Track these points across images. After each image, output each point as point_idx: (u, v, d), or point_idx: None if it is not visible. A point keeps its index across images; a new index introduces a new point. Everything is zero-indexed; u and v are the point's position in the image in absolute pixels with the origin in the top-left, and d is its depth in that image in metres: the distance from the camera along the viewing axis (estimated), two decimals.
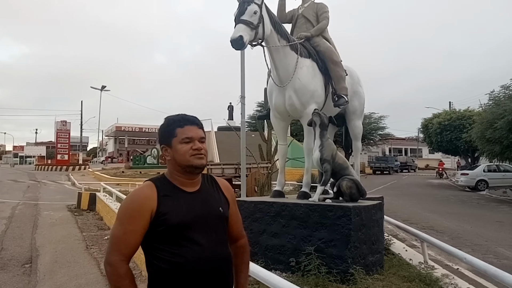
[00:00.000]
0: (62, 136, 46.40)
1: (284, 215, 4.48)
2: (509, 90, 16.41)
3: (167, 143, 1.68)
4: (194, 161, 1.64)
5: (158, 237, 1.59)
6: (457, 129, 27.84)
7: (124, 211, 1.61)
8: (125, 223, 1.58)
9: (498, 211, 13.63)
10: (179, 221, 1.58)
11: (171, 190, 1.64)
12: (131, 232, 1.57)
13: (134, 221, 1.56)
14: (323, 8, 5.35)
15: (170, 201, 1.61)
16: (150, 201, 1.58)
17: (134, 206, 1.59)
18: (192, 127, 1.68)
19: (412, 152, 63.05)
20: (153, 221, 1.57)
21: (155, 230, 1.58)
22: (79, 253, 6.84)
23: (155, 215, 1.57)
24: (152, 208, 1.57)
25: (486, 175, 22.34)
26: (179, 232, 1.59)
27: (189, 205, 1.63)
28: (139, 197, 1.61)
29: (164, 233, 1.58)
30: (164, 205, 1.59)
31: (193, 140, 1.65)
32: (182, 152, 1.64)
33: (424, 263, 5.31)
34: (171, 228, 1.57)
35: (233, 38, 4.17)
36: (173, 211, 1.59)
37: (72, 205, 13.23)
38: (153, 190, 1.61)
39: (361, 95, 5.84)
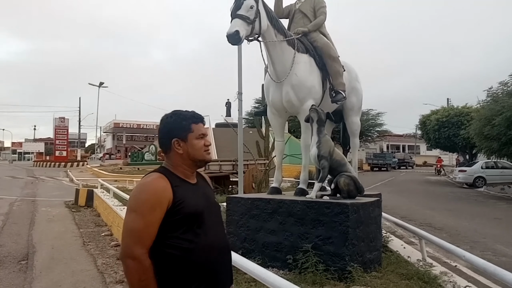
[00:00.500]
0: (61, 133, 46.20)
1: (281, 212, 4.44)
2: (507, 87, 16.40)
3: (182, 137, 1.73)
4: (206, 156, 1.78)
5: (172, 226, 1.62)
6: (455, 125, 27.84)
7: (143, 202, 1.61)
8: (146, 214, 1.58)
9: (496, 208, 13.64)
10: (194, 209, 1.65)
11: (179, 182, 1.70)
12: (152, 224, 1.59)
13: (155, 212, 1.59)
14: (321, 3, 5.29)
15: (182, 191, 1.66)
16: (167, 192, 1.62)
17: (155, 197, 1.61)
18: (202, 124, 1.79)
19: (410, 149, 63.08)
20: (169, 211, 1.61)
21: (170, 219, 1.61)
22: (76, 250, 6.80)
23: (172, 205, 1.61)
24: (169, 198, 1.61)
25: (484, 172, 22.36)
26: (193, 220, 1.65)
27: (197, 195, 1.72)
28: (157, 188, 1.63)
29: (180, 221, 1.63)
30: (178, 195, 1.64)
31: (205, 137, 1.77)
32: (198, 147, 1.74)
33: (423, 261, 5.28)
34: (186, 217, 1.63)
35: (229, 33, 4.12)
36: (187, 201, 1.65)
37: (69, 202, 13.21)
38: (166, 181, 1.65)
39: (359, 91, 5.79)
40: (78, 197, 12.82)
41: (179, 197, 1.64)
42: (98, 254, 6.43)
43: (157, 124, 1.90)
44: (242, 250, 4.65)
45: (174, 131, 1.75)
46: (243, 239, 4.74)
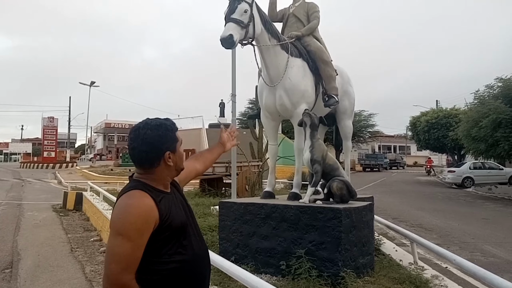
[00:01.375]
0: (49, 133, 45.32)
1: (274, 217, 4.43)
2: (493, 90, 16.64)
3: (173, 149, 1.65)
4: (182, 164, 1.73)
5: (161, 243, 1.57)
6: (444, 127, 28.22)
7: (130, 226, 1.49)
8: (134, 238, 1.48)
9: (483, 208, 13.82)
10: (180, 222, 1.61)
11: (160, 196, 1.61)
12: (140, 246, 1.51)
13: (143, 234, 1.50)
14: (314, 8, 5.30)
15: (165, 206, 1.59)
16: (153, 212, 1.54)
17: (142, 219, 1.51)
18: None
19: (401, 149, 63.67)
20: (157, 229, 1.54)
21: (159, 237, 1.55)
22: (63, 257, 6.64)
23: (159, 223, 1.54)
24: (156, 217, 1.54)
25: (472, 172, 22.71)
26: (180, 232, 1.61)
27: (176, 205, 1.66)
28: (144, 208, 1.53)
29: (169, 237, 1.58)
30: (163, 212, 1.56)
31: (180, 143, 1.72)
32: (181, 155, 1.69)
33: (414, 264, 5.31)
34: (175, 231, 1.59)
35: (223, 37, 4.10)
36: (172, 214, 1.59)
37: (57, 205, 12.92)
38: (150, 199, 1.55)
39: (351, 95, 5.81)
40: (66, 200, 12.51)
41: (165, 213, 1.57)
42: (87, 261, 6.32)
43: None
44: (235, 256, 4.63)
45: (166, 144, 1.63)
46: (236, 244, 4.72)
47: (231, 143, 2.36)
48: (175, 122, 1.74)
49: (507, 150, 15.08)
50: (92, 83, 46.52)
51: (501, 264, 6.46)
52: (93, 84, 46.68)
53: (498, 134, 14.92)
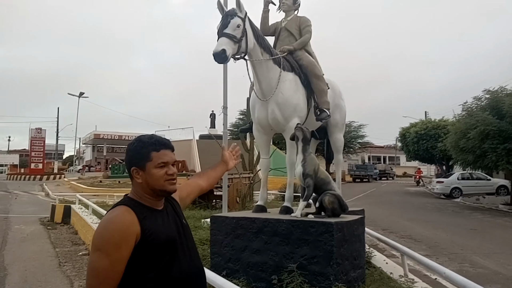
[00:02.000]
0: (37, 144, 44.86)
1: (266, 231, 4.42)
2: (480, 102, 16.90)
3: (140, 166, 1.64)
4: (168, 186, 1.65)
5: (146, 259, 1.55)
6: (432, 138, 28.60)
7: (108, 240, 1.51)
8: (111, 253, 1.49)
9: (471, 219, 14.00)
10: (165, 239, 1.58)
11: (146, 211, 1.61)
12: (118, 261, 1.50)
13: (121, 250, 1.50)
14: (306, 22, 5.36)
15: (151, 222, 1.58)
16: (133, 226, 1.53)
17: (120, 234, 1.51)
18: (167, 151, 1.68)
19: (391, 160, 64.17)
20: (139, 245, 1.53)
21: (142, 252, 1.54)
22: (51, 271, 6.54)
23: (141, 239, 1.53)
24: (137, 232, 1.53)
25: (460, 183, 23.03)
26: (166, 249, 1.58)
27: (166, 222, 1.64)
28: (123, 224, 1.54)
29: (153, 253, 1.56)
30: (147, 227, 1.55)
31: (167, 165, 1.65)
32: (157, 177, 1.63)
33: (405, 276, 5.34)
34: (159, 247, 1.56)
35: (216, 52, 4.12)
36: (158, 231, 1.58)
37: (45, 218, 12.78)
38: (132, 214, 1.56)
39: (342, 109, 5.86)
40: (54, 213, 12.38)
41: (148, 229, 1.56)
42: (75, 276, 6.22)
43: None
44: (227, 271, 4.60)
45: (133, 159, 1.67)
46: (228, 259, 4.69)
47: (233, 161, 2.38)
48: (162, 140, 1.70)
49: (495, 161, 15.27)
50: (81, 94, 46.26)
51: (489, 275, 6.53)
52: (82, 95, 46.39)
53: (485, 146, 15.12)
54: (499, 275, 6.53)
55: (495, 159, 15.13)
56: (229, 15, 4.30)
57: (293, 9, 5.44)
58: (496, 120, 14.89)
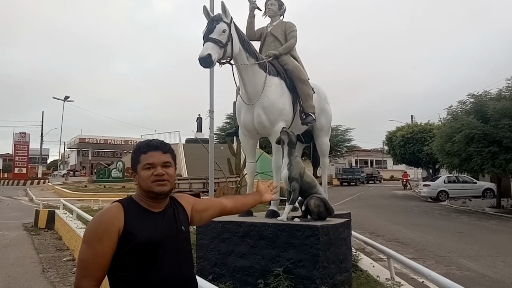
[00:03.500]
0: (21, 149, 44.47)
1: (253, 235, 4.40)
2: (465, 106, 17.14)
3: (134, 169, 1.74)
4: (155, 187, 1.67)
5: (124, 258, 1.57)
6: (419, 141, 28.88)
7: (92, 232, 1.59)
8: (94, 244, 1.55)
9: (458, 222, 14.13)
10: (147, 239, 1.58)
11: (137, 210, 1.66)
12: (100, 254, 1.54)
13: (102, 241, 1.54)
14: (291, 27, 5.40)
15: (137, 220, 1.61)
16: (117, 221, 1.57)
17: (102, 226, 1.58)
18: (155, 153, 1.71)
19: (378, 164, 64.61)
20: (120, 241, 1.56)
21: (122, 250, 1.56)
22: (35, 278, 6.42)
23: (122, 234, 1.56)
24: (120, 227, 1.57)
25: (447, 186, 23.29)
26: (145, 252, 1.58)
27: (156, 224, 1.65)
28: (106, 216, 1.61)
29: (131, 252, 1.57)
30: (131, 224, 1.59)
31: (154, 166, 1.68)
32: (144, 178, 1.68)
33: (391, 279, 5.37)
34: (138, 247, 1.56)
35: (202, 56, 4.12)
36: (141, 230, 1.59)
37: (29, 224, 12.58)
38: (120, 210, 1.62)
39: (328, 112, 5.89)
40: (38, 218, 12.18)
41: (132, 227, 1.59)
42: (59, 282, 6.12)
43: (125, 139, 1.95)
44: (213, 275, 4.57)
45: (131, 163, 1.77)
46: (214, 263, 4.66)
47: (269, 195, 2.33)
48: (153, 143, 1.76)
49: (480, 164, 15.48)
50: (66, 98, 45.79)
51: (475, 277, 6.58)
52: (67, 99, 45.91)
53: (471, 149, 15.33)
54: (485, 277, 6.58)
55: (480, 162, 15.34)
56: (215, 20, 4.31)
57: (278, 15, 5.49)
58: (480, 124, 15.11)
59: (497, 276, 6.61)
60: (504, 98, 15.49)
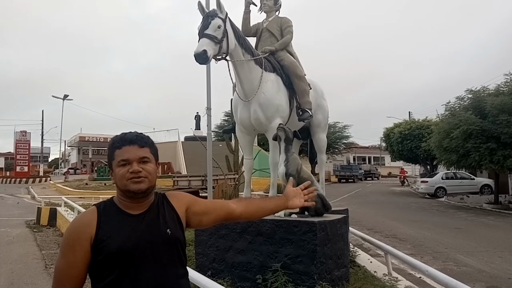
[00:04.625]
0: (22, 147, 44.96)
1: (250, 231, 4.44)
2: (463, 101, 17.10)
3: (110, 167, 1.57)
4: (130, 185, 1.49)
5: (99, 268, 1.44)
6: (416, 138, 28.87)
7: (64, 241, 1.48)
8: (66, 254, 1.44)
9: (456, 218, 14.14)
10: (118, 247, 1.42)
11: (113, 214, 1.51)
12: (73, 264, 1.42)
13: (74, 251, 1.42)
14: (287, 23, 5.40)
15: (110, 226, 1.46)
16: (89, 228, 1.45)
17: (74, 234, 1.46)
18: (131, 148, 1.52)
19: (375, 160, 64.65)
20: (93, 249, 1.43)
21: (95, 259, 1.43)
22: (37, 274, 6.50)
23: (94, 242, 1.43)
24: (91, 234, 1.44)
25: (445, 182, 23.29)
26: (119, 260, 1.42)
27: (132, 229, 1.47)
28: (78, 224, 1.49)
29: (104, 262, 1.43)
30: (103, 231, 1.44)
31: (130, 162, 1.50)
32: (119, 176, 1.51)
33: (388, 275, 5.40)
34: (110, 256, 1.42)
35: (197, 53, 4.13)
36: (113, 236, 1.44)
37: (31, 221, 12.69)
38: (93, 215, 1.48)
39: (325, 109, 5.91)
40: (40, 216, 12.33)
41: (104, 233, 1.44)
42: None
43: None
44: (212, 271, 4.61)
45: (107, 159, 1.61)
46: (212, 259, 4.71)
47: (300, 200, 1.90)
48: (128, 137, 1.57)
49: (478, 161, 15.46)
50: (65, 97, 45.84)
51: (473, 273, 6.59)
52: (66, 98, 45.96)
53: (468, 145, 15.31)
54: (483, 273, 6.60)
55: (478, 159, 15.33)
56: (210, 16, 4.32)
57: (274, 10, 5.49)
58: (478, 119, 15.08)
59: (494, 272, 6.63)
60: (503, 93, 15.44)
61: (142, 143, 1.55)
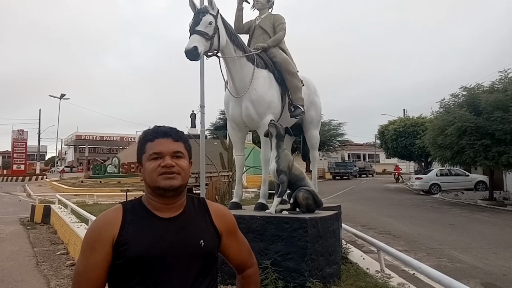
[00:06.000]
0: (19, 146, 45.39)
1: (241, 228, 4.27)
2: (458, 99, 17.17)
3: (139, 161, 1.44)
4: (161, 181, 1.35)
5: (119, 274, 1.32)
6: (411, 135, 29.05)
7: (85, 241, 1.36)
8: (87, 255, 1.32)
9: (450, 214, 14.20)
10: (139, 253, 1.29)
11: (140, 215, 1.37)
12: (92, 266, 1.30)
13: (95, 251, 1.31)
14: (280, 20, 5.37)
15: (135, 227, 1.33)
16: (112, 227, 1.32)
17: (95, 233, 1.34)
18: (164, 140, 1.40)
19: (370, 158, 64.88)
20: (114, 252, 1.31)
21: (115, 263, 1.31)
22: (29, 271, 6.49)
23: (115, 243, 1.31)
24: (114, 234, 1.31)
25: (439, 179, 23.41)
26: (140, 268, 1.30)
27: (159, 234, 1.33)
28: (101, 222, 1.37)
29: (123, 268, 1.30)
30: (127, 232, 1.32)
31: (162, 156, 1.37)
32: (149, 170, 1.37)
33: (381, 272, 5.39)
34: (130, 262, 1.29)
35: (188, 49, 4.10)
36: (136, 240, 1.30)
37: (25, 218, 12.77)
38: (118, 214, 1.36)
39: (317, 105, 5.89)
40: (34, 213, 12.42)
41: (127, 236, 1.31)
42: (52, 275, 6.16)
43: (121, 135, 1.68)
44: None
45: (137, 153, 1.46)
46: None
47: None
48: (160, 129, 1.45)
49: (472, 157, 15.54)
50: (62, 96, 45.85)
51: (467, 269, 6.59)
52: (63, 97, 45.97)
53: (463, 142, 15.38)
54: (477, 269, 6.60)
55: (472, 155, 15.41)
56: (201, 12, 4.29)
57: (267, 7, 5.45)
58: (473, 116, 15.14)
59: (489, 268, 6.63)
60: (497, 90, 15.51)
61: (177, 136, 1.44)
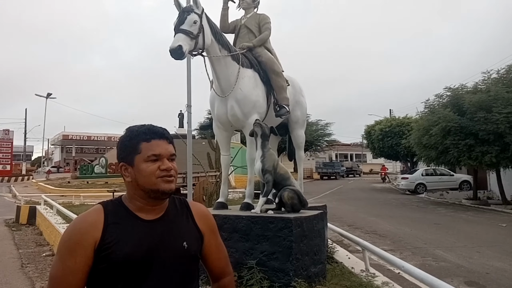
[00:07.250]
0: (4, 146, 44.83)
1: (226, 228, 4.41)
2: (442, 99, 17.36)
3: (128, 161, 1.34)
4: (161, 185, 1.31)
5: (100, 278, 1.27)
6: (397, 135, 29.28)
7: (63, 244, 1.28)
8: (65, 258, 1.25)
9: (435, 213, 14.35)
10: (125, 256, 1.24)
11: (122, 217, 1.32)
12: (71, 270, 1.24)
13: (74, 255, 1.24)
14: (265, 19, 5.39)
15: (119, 230, 1.28)
16: (93, 230, 1.26)
17: (76, 237, 1.26)
18: (161, 142, 1.35)
19: (357, 157, 65.38)
20: (96, 256, 1.25)
21: (97, 267, 1.25)
22: (13, 273, 6.37)
23: (98, 247, 1.25)
24: (96, 238, 1.25)
25: (424, 178, 23.65)
26: (124, 272, 1.25)
27: (143, 237, 1.29)
28: (81, 224, 1.29)
29: (106, 273, 1.25)
30: (110, 235, 1.26)
31: (161, 158, 1.33)
32: (147, 173, 1.31)
33: (366, 271, 5.43)
34: (114, 266, 1.24)
35: (172, 48, 4.08)
36: (120, 244, 1.26)
37: (10, 220, 12.52)
38: (99, 216, 1.29)
39: (303, 105, 5.91)
40: (19, 214, 12.21)
41: (110, 239, 1.26)
42: (37, 277, 6.06)
43: (108, 135, 1.58)
44: None
45: (121, 153, 1.37)
46: None
47: None
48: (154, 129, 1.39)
49: (457, 157, 15.72)
50: (48, 95, 45.29)
51: (451, 268, 6.64)
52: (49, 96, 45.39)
53: (447, 142, 15.55)
54: (461, 268, 6.66)
55: (456, 155, 15.59)
56: (186, 11, 4.28)
57: (252, 7, 5.47)
58: (457, 116, 15.32)
59: (472, 267, 6.70)
60: (480, 91, 15.71)
61: (170, 138, 1.39)
